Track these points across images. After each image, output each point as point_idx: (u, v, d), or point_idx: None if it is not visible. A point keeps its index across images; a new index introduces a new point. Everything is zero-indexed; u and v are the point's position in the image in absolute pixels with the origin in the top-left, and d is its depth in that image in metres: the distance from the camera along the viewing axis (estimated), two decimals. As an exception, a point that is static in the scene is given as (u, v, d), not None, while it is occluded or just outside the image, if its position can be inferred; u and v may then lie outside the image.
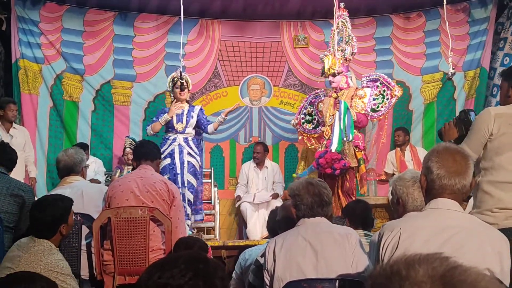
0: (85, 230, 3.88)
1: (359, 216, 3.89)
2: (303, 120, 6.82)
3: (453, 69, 5.21)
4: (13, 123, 6.57)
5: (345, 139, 5.82)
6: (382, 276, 0.84)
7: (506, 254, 2.02)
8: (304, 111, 6.85)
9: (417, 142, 7.84)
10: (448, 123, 3.31)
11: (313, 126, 6.77)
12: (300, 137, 6.92)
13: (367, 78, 6.43)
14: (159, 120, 5.90)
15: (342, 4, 6.32)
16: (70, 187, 4.02)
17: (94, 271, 3.87)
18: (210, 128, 6.02)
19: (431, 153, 2.14)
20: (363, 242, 3.00)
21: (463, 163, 2.09)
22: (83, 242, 3.89)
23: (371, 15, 8.09)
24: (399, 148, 7.44)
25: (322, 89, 6.97)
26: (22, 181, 6.32)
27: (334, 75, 6.11)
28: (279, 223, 3.55)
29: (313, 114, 6.79)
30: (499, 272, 1.94)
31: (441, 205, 2.08)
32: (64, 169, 4.13)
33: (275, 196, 7.28)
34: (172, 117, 5.87)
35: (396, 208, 2.79)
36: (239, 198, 7.43)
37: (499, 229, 2.24)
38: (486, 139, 3.04)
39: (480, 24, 7.79)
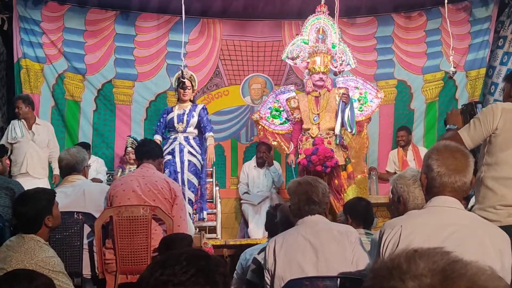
0: (87, 229, 3.89)
1: (361, 214, 3.88)
2: (268, 115, 6.57)
3: (454, 67, 5.22)
4: (37, 119, 6.61)
5: (349, 130, 5.83)
6: (383, 270, 0.85)
7: (507, 251, 2.03)
8: (269, 105, 6.62)
9: (419, 141, 7.84)
10: (453, 109, 3.31)
11: (280, 122, 6.55)
12: (261, 133, 6.65)
13: (344, 78, 6.42)
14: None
15: (323, 1, 6.27)
16: (72, 186, 4.03)
17: (96, 270, 3.88)
18: (209, 140, 5.89)
19: (431, 151, 2.14)
20: (364, 241, 3.00)
21: (463, 160, 2.09)
22: (85, 241, 3.90)
23: (372, 14, 8.09)
24: (401, 148, 7.44)
25: (292, 85, 6.89)
26: (46, 179, 6.40)
27: (335, 74, 6.06)
28: (278, 225, 3.57)
29: (280, 109, 6.56)
30: (499, 270, 1.95)
31: (441, 202, 2.09)
32: (66, 168, 4.14)
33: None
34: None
35: (397, 207, 2.80)
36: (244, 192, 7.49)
37: (502, 227, 2.24)
38: (489, 132, 3.00)
39: (481, 23, 7.78)
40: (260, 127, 6.63)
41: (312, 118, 6.04)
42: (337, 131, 5.87)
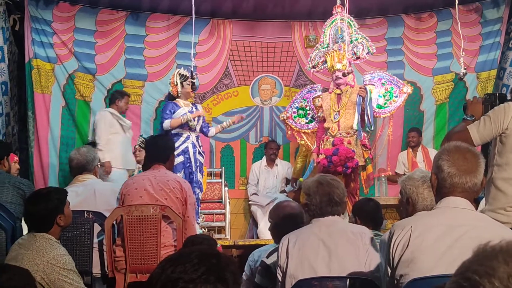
0: (97, 228, 3.91)
1: (369, 214, 3.87)
2: (295, 115, 6.63)
3: (464, 69, 5.20)
4: None
5: (367, 127, 5.81)
6: (489, 250, 0.83)
7: (518, 253, 2.01)
8: (296, 105, 6.66)
9: (428, 143, 7.81)
10: (475, 97, 3.24)
11: (306, 121, 6.61)
12: (289, 133, 6.73)
13: (370, 75, 6.40)
14: (182, 117, 5.75)
15: (338, 1, 6.27)
16: (83, 185, 4.06)
17: (106, 269, 3.90)
18: (211, 131, 6.05)
19: (442, 152, 2.13)
20: (373, 243, 2.99)
21: (474, 161, 2.08)
22: (95, 240, 3.92)
23: (382, 15, 8.07)
24: (411, 149, 7.42)
25: (319, 84, 6.91)
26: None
27: (344, 74, 6.04)
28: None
29: (307, 108, 6.61)
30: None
31: (452, 203, 2.08)
32: (77, 167, 4.17)
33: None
34: (194, 118, 5.80)
35: (406, 208, 2.78)
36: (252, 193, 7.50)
37: (512, 228, 2.23)
38: (498, 132, 2.95)
39: (492, 24, 7.73)
40: (287, 126, 6.73)
41: (333, 116, 6.01)
42: (354, 125, 5.85)
